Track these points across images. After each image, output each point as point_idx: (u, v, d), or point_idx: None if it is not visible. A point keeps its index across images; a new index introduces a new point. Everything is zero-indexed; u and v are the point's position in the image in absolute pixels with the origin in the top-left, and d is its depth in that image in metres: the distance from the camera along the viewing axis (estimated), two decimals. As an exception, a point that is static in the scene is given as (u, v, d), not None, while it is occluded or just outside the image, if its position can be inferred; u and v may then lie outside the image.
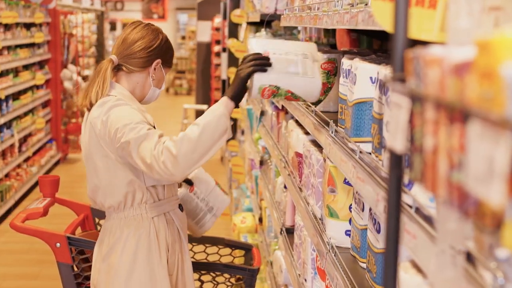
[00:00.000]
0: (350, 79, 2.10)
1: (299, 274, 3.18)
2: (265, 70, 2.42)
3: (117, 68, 2.79)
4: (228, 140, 9.17)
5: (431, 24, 1.16)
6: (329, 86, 2.92)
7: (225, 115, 2.43)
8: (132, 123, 2.50)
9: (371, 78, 1.99)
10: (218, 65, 13.73)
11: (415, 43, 0.99)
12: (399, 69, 0.84)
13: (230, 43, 7.85)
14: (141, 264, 2.71)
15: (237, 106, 2.51)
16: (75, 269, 3.08)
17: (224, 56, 10.01)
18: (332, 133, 2.34)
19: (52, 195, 3.40)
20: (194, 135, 2.37)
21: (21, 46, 9.00)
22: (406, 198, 1.44)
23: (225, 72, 9.48)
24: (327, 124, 2.55)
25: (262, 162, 5.28)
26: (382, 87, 1.80)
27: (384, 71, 1.80)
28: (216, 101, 10.60)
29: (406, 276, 1.38)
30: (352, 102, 2.06)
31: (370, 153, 1.97)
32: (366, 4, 1.87)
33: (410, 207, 1.41)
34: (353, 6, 2.05)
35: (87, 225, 3.48)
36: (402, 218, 1.38)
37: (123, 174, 2.66)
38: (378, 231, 1.99)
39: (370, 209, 2.08)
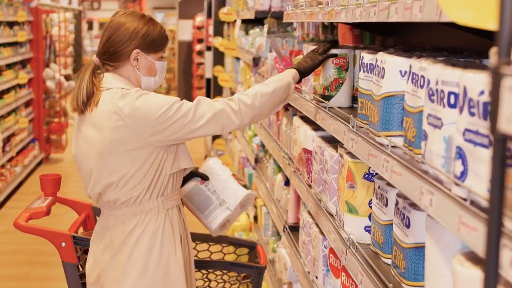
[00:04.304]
0: (377, 72, 2.07)
1: (308, 272, 3.15)
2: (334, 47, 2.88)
3: (104, 67, 2.74)
4: (214, 139, 9.13)
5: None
6: (341, 81, 2.90)
7: (290, 84, 2.75)
8: (175, 102, 2.58)
9: (400, 71, 1.97)
10: (199, 64, 13.68)
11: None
12: (505, 54, 0.82)
13: (218, 41, 7.79)
14: (156, 259, 2.67)
15: (299, 81, 2.86)
16: (80, 269, 3.03)
17: (209, 54, 9.91)
18: (353, 128, 2.31)
19: (53, 194, 3.34)
20: (267, 96, 2.66)
21: (4, 45, 8.88)
22: (458, 191, 1.41)
23: (210, 71, 9.39)
24: (344, 119, 2.52)
25: (257, 160, 5.25)
26: (417, 80, 1.78)
27: (418, 64, 1.78)
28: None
29: (463, 270, 1.36)
30: (379, 96, 2.04)
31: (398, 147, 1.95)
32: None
33: (464, 199, 1.39)
34: (379, -1, 2.03)
35: (88, 224, 3.43)
36: (457, 212, 1.36)
37: (149, 163, 2.60)
38: (407, 226, 1.97)
39: (397, 204, 2.06)
